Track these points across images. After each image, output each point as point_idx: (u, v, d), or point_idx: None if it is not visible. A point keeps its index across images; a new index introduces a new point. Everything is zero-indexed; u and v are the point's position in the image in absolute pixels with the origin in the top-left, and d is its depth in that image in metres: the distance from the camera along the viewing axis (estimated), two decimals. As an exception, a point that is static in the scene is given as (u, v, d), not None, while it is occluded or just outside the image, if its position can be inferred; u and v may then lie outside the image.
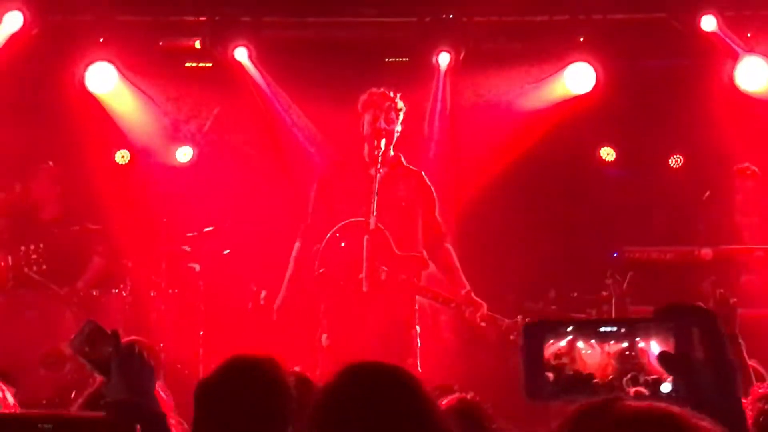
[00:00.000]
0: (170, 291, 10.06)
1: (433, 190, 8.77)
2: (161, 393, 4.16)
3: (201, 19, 10.32)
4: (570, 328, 2.26)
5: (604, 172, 11.25)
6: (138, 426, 2.78)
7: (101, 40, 10.23)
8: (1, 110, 10.05)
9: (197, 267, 10.23)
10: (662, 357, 2.13)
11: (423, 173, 8.82)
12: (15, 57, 10.00)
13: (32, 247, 9.33)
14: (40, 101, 10.45)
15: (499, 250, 10.45)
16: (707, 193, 9.99)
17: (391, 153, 8.72)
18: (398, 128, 8.68)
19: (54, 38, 10.13)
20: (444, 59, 10.21)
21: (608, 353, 2.22)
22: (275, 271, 10.30)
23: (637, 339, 2.22)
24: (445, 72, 10.30)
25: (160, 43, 10.48)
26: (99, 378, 8.91)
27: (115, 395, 3.53)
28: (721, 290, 5.98)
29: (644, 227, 10.53)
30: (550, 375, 2.24)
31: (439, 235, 8.75)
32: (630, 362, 2.21)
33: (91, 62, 10.27)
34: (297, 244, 8.92)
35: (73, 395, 9.20)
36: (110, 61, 10.29)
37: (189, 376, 8.77)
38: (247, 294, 10.04)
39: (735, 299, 5.94)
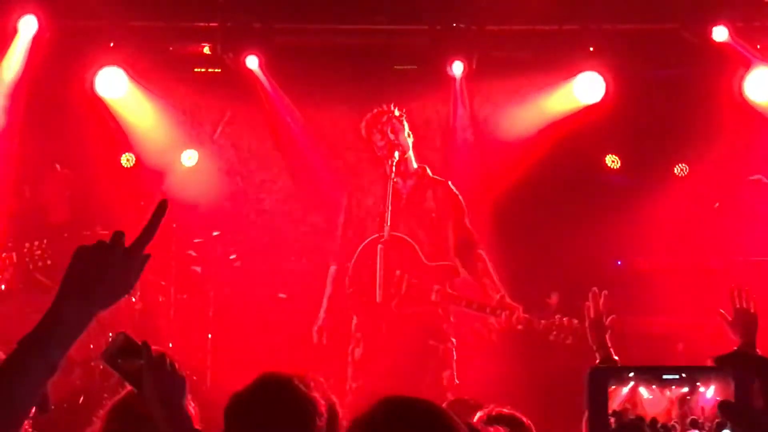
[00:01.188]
0: (179, 297, 10.08)
1: (461, 198, 8.82)
2: (190, 405, 4.18)
3: (212, 24, 10.31)
4: (632, 374, 2.27)
5: (609, 180, 11.27)
6: None
7: (112, 44, 10.23)
8: (12, 114, 10.05)
9: (199, 269, 10.27)
10: (722, 405, 2.14)
11: (449, 182, 8.87)
12: (27, 60, 10.02)
13: (36, 243, 9.37)
14: (50, 105, 10.43)
15: (506, 256, 10.46)
16: (717, 204, 10.01)
17: (414, 165, 8.79)
18: (409, 135, 8.74)
19: (65, 42, 10.11)
20: (458, 68, 10.21)
21: (670, 399, 2.23)
22: (282, 277, 10.37)
23: (698, 383, 2.24)
24: (461, 80, 10.30)
25: (171, 49, 10.50)
26: (107, 383, 8.91)
27: (146, 407, 3.55)
28: (742, 299, 6.00)
29: (650, 236, 10.54)
30: (613, 420, 2.26)
31: (471, 242, 8.81)
32: (691, 407, 2.22)
33: (102, 67, 10.28)
34: (331, 268, 8.94)
35: (81, 400, 9.24)
36: (120, 66, 10.30)
37: (197, 383, 8.80)
38: (257, 300, 10.08)
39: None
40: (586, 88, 10.34)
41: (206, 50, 10.63)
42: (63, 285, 2.81)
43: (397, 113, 8.77)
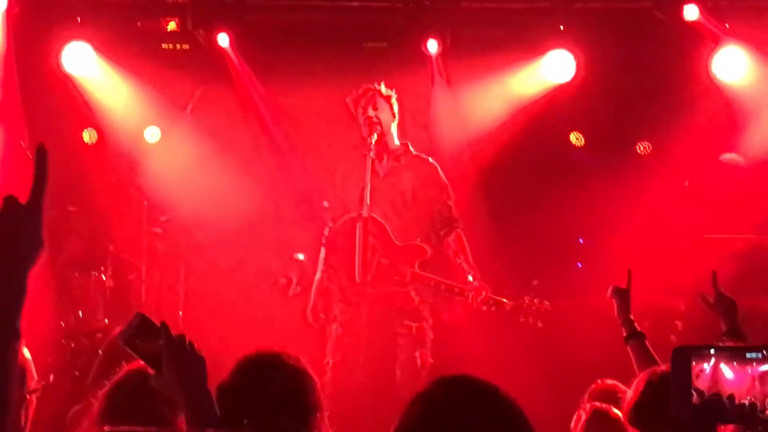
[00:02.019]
0: (150, 274, 10.03)
1: (443, 175, 8.81)
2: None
3: (181, 0, 10.21)
4: (713, 351, 2.28)
5: (573, 157, 11.31)
6: None
7: (79, 19, 10.12)
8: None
9: (159, 230, 10.21)
10: None
11: (431, 159, 8.86)
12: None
13: None
14: (15, 80, 10.30)
15: (478, 237, 10.48)
16: (687, 182, 10.06)
17: (397, 142, 8.75)
18: (392, 115, 8.71)
19: (32, 17, 9.99)
20: (433, 46, 10.19)
21: (752, 376, 2.24)
22: (253, 255, 10.32)
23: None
24: (437, 58, 10.28)
25: (139, 24, 10.40)
26: (78, 360, 8.82)
27: (166, 388, 3.52)
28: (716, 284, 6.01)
29: (613, 214, 10.58)
30: (695, 396, 2.26)
31: (450, 221, 8.82)
32: None
33: (68, 41, 10.16)
34: (323, 250, 8.90)
35: (51, 378, 9.15)
36: (87, 41, 10.18)
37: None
38: (227, 278, 10.05)
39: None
40: (556, 66, 10.35)
41: (172, 26, 10.53)
42: None
43: (384, 92, 8.74)
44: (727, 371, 2.26)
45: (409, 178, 8.81)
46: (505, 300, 8.64)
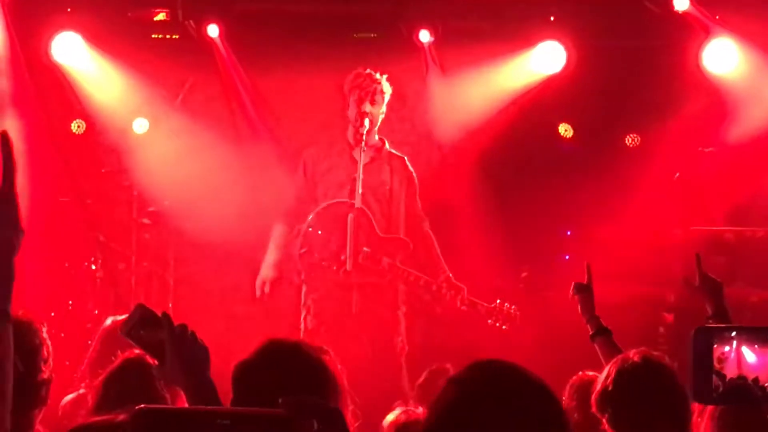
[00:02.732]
0: (140, 265, 10.03)
1: (414, 175, 8.85)
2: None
3: (171, -10, 10.21)
4: (734, 333, 2.28)
5: (561, 149, 11.32)
6: (315, 422, 2.73)
7: (69, 9, 10.10)
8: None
9: (147, 221, 10.21)
10: None
11: (406, 158, 8.87)
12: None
13: None
14: (4, 70, 10.28)
15: (468, 230, 10.50)
16: (677, 174, 10.07)
17: (376, 137, 8.76)
18: (383, 110, 8.71)
19: (22, 6, 9.96)
20: (425, 35, 10.18)
21: (773, 357, 2.24)
22: (241, 246, 10.31)
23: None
24: (429, 48, 10.27)
25: (129, 14, 10.37)
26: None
27: (170, 379, 3.52)
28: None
29: (602, 206, 10.58)
30: (715, 379, 2.27)
31: (419, 219, 8.85)
32: None
33: (58, 31, 10.14)
34: (279, 227, 8.90)
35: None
36: (77, 31, 10.16)
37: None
38: (217, 269, 10.04)
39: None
40: (546, 58, 10.36)
41: (161, 16, 10.52)
42: None
43: (385, 88, 8.74)
44: (749, 354, 2.27)
45: (387, 172, 8.83)
46: (479, 302, 8.67)
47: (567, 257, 10.74)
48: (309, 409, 2.75)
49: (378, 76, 8.76)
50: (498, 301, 8.65)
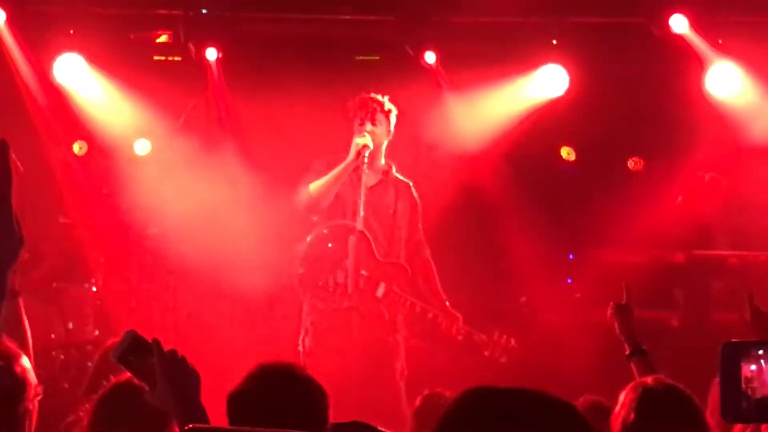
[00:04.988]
0: (140, 287, 10.02)
1: (419, 202, 8.83)
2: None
3: (174, 12, 10.21)
4: (761, 351, 2.25)
5: (564, 172, 11.31)
6: None
7: (71, 31, 10.11)
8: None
9: (148, 243, 10.20)
10: None
11: (411, 185, 8.86)
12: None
13: None
14: (5, 91, 10.30)
15: (469, 253, 10.48)
16: (679, 198, 10.05)
17: (382, 161, 8.74)
18: (389, 131, 8.69)
19: (24, 27, 9.99)
20: (431, 57, 10.20)
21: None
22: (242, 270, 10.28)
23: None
24: (436, 69, 10.28)
25: (131, 36, 10.39)
26: (68, 373, 8.77)
27: (161, 404, 3.52)
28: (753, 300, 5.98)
29: (607, 230, 10.57)
30: (743, 398, 2.25)
31: (420, 246, 8.83)
32: None
33: (60, 52, 10.15)
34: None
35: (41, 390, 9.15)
36: (79, 52, 10.17)
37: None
38: (218, 291, 10.02)
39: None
40: (548, 81, 10.36)
41: (163, 38, 10.55)
42: None
43: (387, 107, 8.72)
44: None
45: (392, 197, 8.81)
46: (475, 333, 8.65)
47: (570, 281, 10.73)
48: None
49: (380, 98, 8.74)
50: (496, 333, 8.62)
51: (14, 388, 4.05)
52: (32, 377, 4.16)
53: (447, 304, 8.77)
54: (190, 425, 2.64)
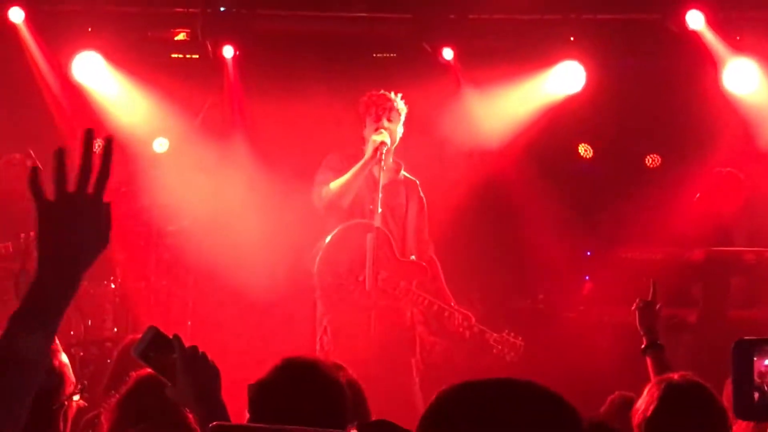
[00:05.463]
0: (159, 284, 10.04)
1: (425, 201, 8.82)
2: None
3: (191, 10, 10.24)
4: None
5: (581, 169, 11.31)
6: None
7: (90, 29, 10.15)
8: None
9: (167, 240, 10.22)
10: None
11: (418, 183, 8.86)
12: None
13: (32, 234, 9.30)
14: (26, 89, 10.34)
15: (486, 251, 10.49)
16: (698, 195, 10.02)
17: (390, 160, 8.74)
18: (400, 129, 8.69)
19: (43, 26, 10.03)
20: (449, 53, 10.21)
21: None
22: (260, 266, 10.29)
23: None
24: (455, 65, 10.29)
25: (149, 34, 10.43)
26: (87, 370, 8.82)
27: (182, 400, 3.53)
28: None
29: (624, 227, 10.56)
30: (756, 395, 2.25)
31: (426, 245, 8.84)
32: None
33: (79, 51, 10.20)
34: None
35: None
36: (98, 51, 10.21)
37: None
38: (236, 288, 10.05)
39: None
40: (566, 78, 10.36)
41: (181, 36, 10.59)
42: (39, 250, 2.64)
43: (400, 107, 8.71)
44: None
45: (403, 195, 8.82)
46: (487, 330, 8.65)
47: (587, 278, 10.71)
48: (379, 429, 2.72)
49: (392, 95, 8.74)
50: (506, 331, 8.63)
51: (52, 382, 4.07)
52: (70, 373, 4.18)
53: (452, 303, 8.76)
54: (215, 423, 2.65)
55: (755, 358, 2.30)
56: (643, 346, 5.60)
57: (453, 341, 9.42)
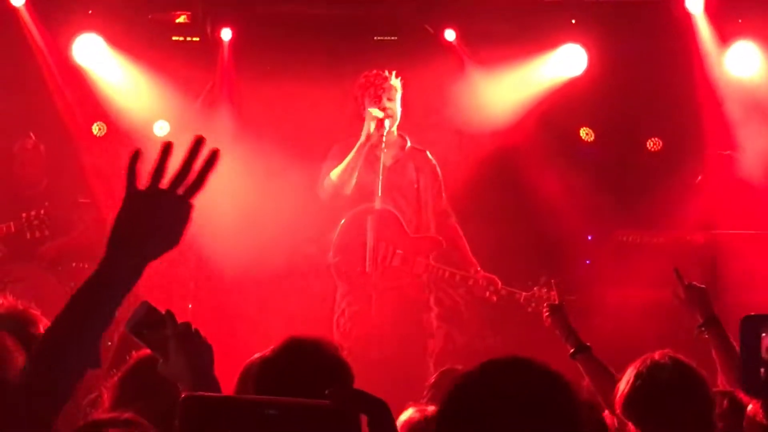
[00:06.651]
0: (159, 265, 9.99)
1: (438, 168, 8.81)
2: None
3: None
4: None
5: (582, 153, 11.29)
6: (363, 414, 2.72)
7: (90, 11, 10.14)
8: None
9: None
10: None
11: (427, 151, 8.84)
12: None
13: (33, 213, 9.38)
14: (25, 72, 10.32)
15: (486, 234, 10.47)
16: (699, 177, 10.02)
17: (395, 135, 8.73)
18: (399, 107, 8.68)
19: (43, 8, 10.02)
20: (450, 35, 10.19)
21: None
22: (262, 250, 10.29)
23: None
24: (458, 46, 10.26)
25: (150, 16, 10.41)
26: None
27: (174, 376, 3.52)
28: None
29: (625, 210, 10.55)
30: (763, 371, 2.25)
31: (446, 213, 8.84)
32: None
33: (79, 33, 10.18)
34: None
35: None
36: (98, 33, 10.20)
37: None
38: (238, 272, 10.04)
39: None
40: (567, 61, 10.34)
41: (182, 19, 10.57)
42: (113, 233, 2.80)
43: (396, 84, 8.70)
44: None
45: (413, 170, 8.81)
46: (516, 291, 8.65)
47: (588, 262, 10.70)
48: (357, 401, 2.74)
49: (387, 74, 8.74)
50: (536, 288, 8.61)
51: None
52: None
53: (478, 269, 8.76)
54: (185, 394, 2.65)
55: (763, 335, 2.29)
56: (570, 351, 5.65)
57: (475, 310, 9.41)
